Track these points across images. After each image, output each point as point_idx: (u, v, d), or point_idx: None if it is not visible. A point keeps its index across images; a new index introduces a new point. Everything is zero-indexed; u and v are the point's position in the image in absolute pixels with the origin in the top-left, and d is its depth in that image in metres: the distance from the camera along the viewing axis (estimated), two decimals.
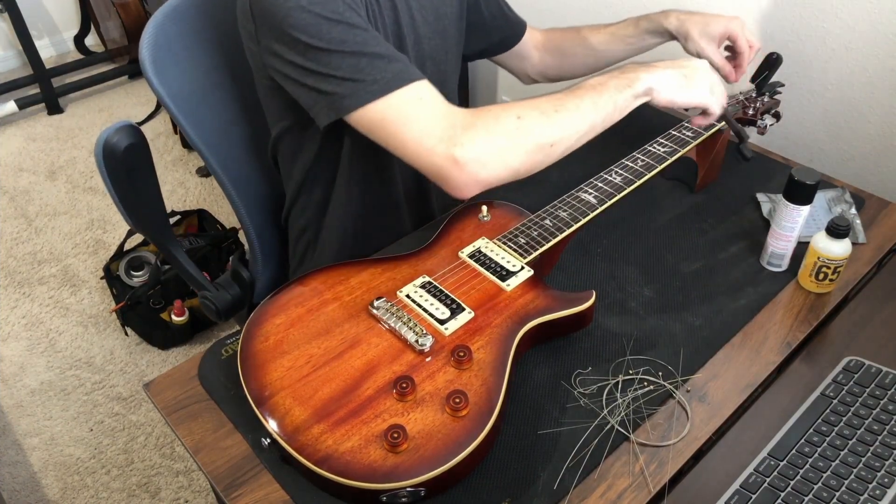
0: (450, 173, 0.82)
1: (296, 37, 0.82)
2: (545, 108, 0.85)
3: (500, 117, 0.83)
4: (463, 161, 0.81)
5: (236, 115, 1.13)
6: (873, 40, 1.16)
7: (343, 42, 0.82)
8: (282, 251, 1.24)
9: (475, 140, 0.81)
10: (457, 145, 0.81)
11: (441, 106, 0.84)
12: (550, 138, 0.84)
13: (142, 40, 0.99)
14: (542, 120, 0.84)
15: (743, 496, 0.72)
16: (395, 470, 0.69)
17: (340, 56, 0.82)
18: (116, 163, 0.93)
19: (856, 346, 0.88)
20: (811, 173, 0.91)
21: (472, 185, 0.83)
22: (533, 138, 0.83)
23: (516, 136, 0.83)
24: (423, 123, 0.82)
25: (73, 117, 2.94)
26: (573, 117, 0.85)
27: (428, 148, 0.82)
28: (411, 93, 0.83)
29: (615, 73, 0.89)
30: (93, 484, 1.62)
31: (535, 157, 0.84)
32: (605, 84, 0.87)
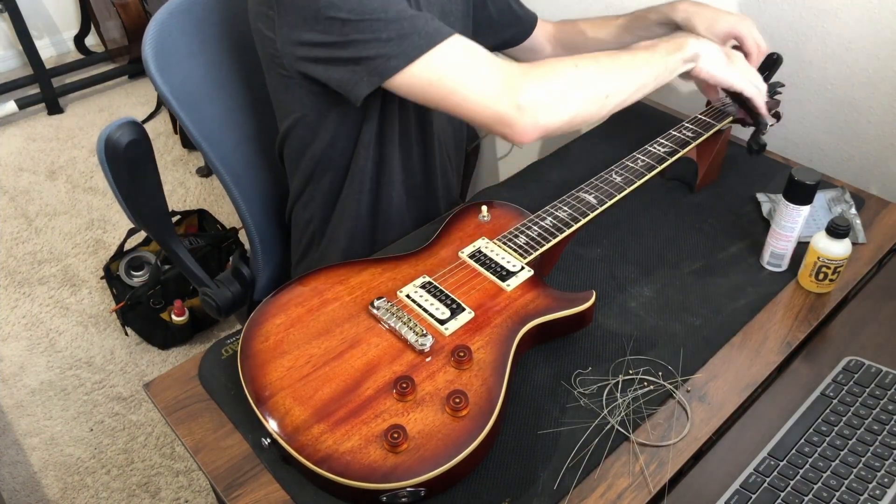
0: (514, 119, 0.84)
1: (333, 16, 0.82)
2: (602, 61, 0.88)
3: (559, 65, 0.86)
4: (525, 106, 0.83)
5: (238, 112, 1.13)
6: (873, 40, 1.16)
7: (384, 10, 0.83)
8: (282, 249, 1.25)
9: (536, 85, 0.84)
10: (519, 92, 0.83)
11: (490, 57, 0.86)
12: (606, 89, 0.87)
13: (145, 37, 0.99)
14: (599, 70, 0.87)
15: (743, 496, 0.72)
16: (395, 470, 0.69)
17: (382, 23, 0.83)
18: (118, 159, 0.93)
19: (856, 346, 0.88)
20: (811, 173, 0.91)
21: (533, 130, 0.85)
22: (590, 86, 0.86)
23: (574, 83, 0.86)
24: (480, 75, 0.84)
25: (73, 117, 2.94)
26: (628, 72, 0.89)
27: (491, 99, 0.83)
28: (458, 45, 0.85)
29: (665, 38, 0.92)
30: (93, 484, 1.62)
31: (591, 106, 0.87)
32: (657, 46, 0.91)
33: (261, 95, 1.14)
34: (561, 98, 0.85)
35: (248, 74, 1.12)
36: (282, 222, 1.22)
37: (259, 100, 1.14)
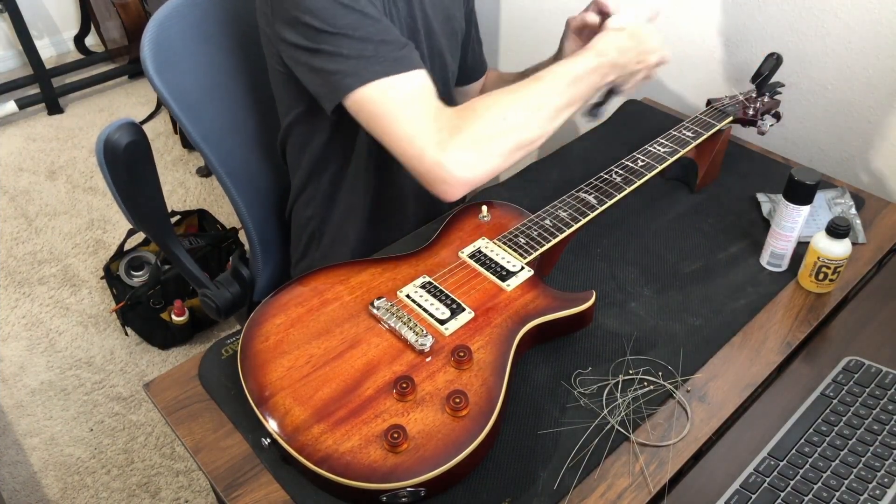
0: (437, 177, 0.83)
1: (308, 21, 0.83)
2: (531, 107, 0.86)
3: (486, 118, 0.84)
4: (450, 167, 0.82)
5: (237, 113, 1.13)
6: (873, 40, 1.16)
7: (355, 28, 0.83)
8: (282, 249, 1.25)
9: (462, 143, 0.83)
10: (443, 151, 0.82)
11: (434, 105, 0.85)
12: (533, 137, 0.87)
13: (143, 38, 0.99)
14: (527, 120, 0.86)
15: (743, 496, 0.72)
16: (395, 470, 0.69)
17: (349, 40, 0.83)
18: (117, 160, 0.93)
19: (856, 346, 0.88)
20: (811, 173, 0.91)
21: (458, 188, 0.84)
22: (517, 140, 0.85)
23: (502, 140, 0.84)
24: (414, 123, 0.83)
25: (73, 117, 2.93)
26: (554, 116, 0.87)
27: (417, 150, 0.83)
28: (410, 83, 0.85)
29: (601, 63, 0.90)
30: (93, 484, 1.62)
31: (518, 154, 0.87)
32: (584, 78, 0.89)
33: (260, 96, 1.14)
34: (488, 156, 0.84)
35: (247, 75, 1.12)
36: (281, 223, 1.22)
37: (258, 100, 1.14)
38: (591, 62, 0.90)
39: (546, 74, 0.88)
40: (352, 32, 0.83)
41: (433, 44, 1.03)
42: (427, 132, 0.83)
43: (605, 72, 0.91)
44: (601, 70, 0.90)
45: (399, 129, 0.84)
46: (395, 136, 0.84)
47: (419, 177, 0.85)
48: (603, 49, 0.91)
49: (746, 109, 1.12)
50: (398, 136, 0.84)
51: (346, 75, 0.84)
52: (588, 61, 0.90)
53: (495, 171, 0.86)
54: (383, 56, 0.83)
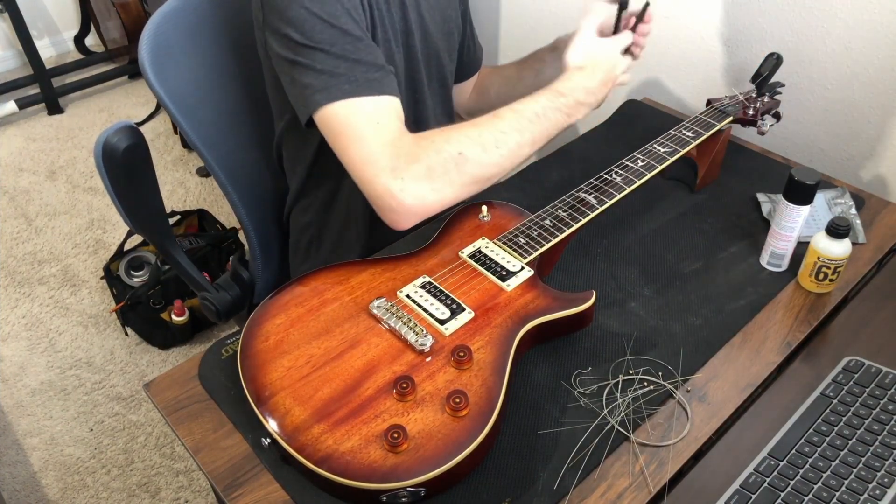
0: (387, 204, 0.85)
1: (289, 33, 0.84)
2: (487, 144, 0.86)
3: (442, 153, 0.85)
4: (401, 196, 0.83)
5: (236, 115, 1.13)
6: (873, 40, 1.16)
7: (331, 44, 0.84)
8: (282, 251, 1.24)
9: (416, 175, 0.83)
10: (397, 178, 0.83)
11: (395, 132, 0.85)
12: (487, 173, 0.88)
13: (141, 41, 0.99)
14: (483, 157, 0.86)
15: (743, 496, 0.72)
16: (395, 470, 0.69)
17: (324, 55, 0.84)
18: (116, 164, 0.93)
19: (856, 346, 0.88)
20: (811, 173, 0.91)
21: (408, 218, 0.86)
22: (472, 175, 0.86)
23: (456, 174, 0.85)
24: (372, 147, 0.84)
25: (73, 117, 2.94)
26: (512, 153, 0.88)
27: (372, 174, 0.84)
28: (376, 107, 0.85)
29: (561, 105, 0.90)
30: (93, 484, 1.62)
31: (472, 189, 0.88)
32: (548, 117, 0.89)
33: (258, 98, 1.14)
34: (441, 189, 0.85)
35: (246, 77, 1.12)
36: (281, 225, 1.22)
37: (257, 102, 1.14)
38: (552, 102, 0.90)
39: (507, 112, 0.89)
40: (328, 48, 0.84)
41: (429, 45, 1.04)
42: (382, 158, 0.84)
43: (568, 111, 0.91)
44: (564, 110, 0.90)
45: (356, 151, 0.85)
46: (353, 158, 0.85)
47: (371, 201, 0.86)
48: (564, 90, 0.91)
49: (746, 109, 1.12)
50: (355, 157, 0.85)
51: (316, 91, 0.85)
52: (550, 101, 0.90)
53: (447, 204, 0.87)
54: (354, 76, 0.84)
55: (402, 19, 0.98)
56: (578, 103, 0.91)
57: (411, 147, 0.85)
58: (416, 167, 0.84)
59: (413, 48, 1.01)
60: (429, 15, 1.02)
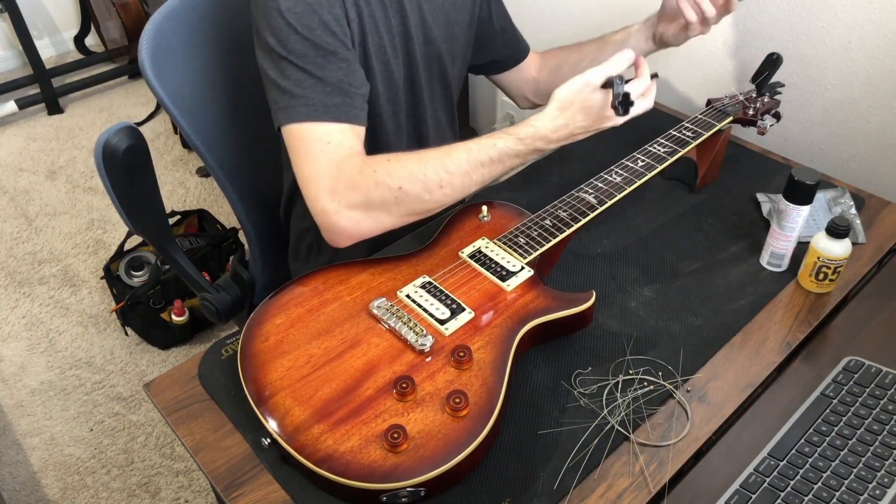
0: (325, 223, 0.88)
1: (266, 37, 0.87)
2: (430, 183, 0.87)
3: (382, 185, 0.86)
4: (336, 217, 0.87)
5: (236, 116, 1.13)
6: (873, 40, 1.16)
7: (301, 57, 0.86)
8: (282, 252, 1.24)
9: (353, 201, 0.87)
10: (335, 200, 0.87)
11: (341, 155, 0.87)
12: (427, 209, 0.90)
13: (141, 41, 0.99)
14: (424, 195, 0.88)
15: (743, 496, 0.72)
16: (395, 470, 0.69)
17: (293, 68, 0.87)
18: (116, 164, 0.93)
19: (856, 346, 0.88)
20: (811, 173, 0.91)
21: (343, 237, 0.89)
22: (410, 209, 0.89)
23: (394, 206, 0.88)
24: (317, 167, 0.87)
25: (73, 117, 2.94)
26: (456, 192, 0.89)
27: (314, 192, 0.88)
28: (328, 130, 0.87)
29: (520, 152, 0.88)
30: (93, 484, 1.62)
31: (410, 219, 0.90)
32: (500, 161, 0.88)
33: (259, 98, 1.13)
34: (377, 216, 0.88)
35: (245, 77, 1.12)
36: (281, 225, 1.22)
37: (257, 102, 1.14)
38: (510, 148, 0.88)
39: (460, 152, 0.87)
40: (296, 60, 0.86)
41: (430, 49, 1.04)
42: (325, 178, 0.87)
43: (523, 157, 0.90)
44: (521, 156, 0.89)
45: (304, 168, 0.88)
46: (300, 174, 0.89)
47: (313, 217, 0.90)
48: (525, 136, 0.87)
49: (746, 109, 1.12)
50: (302, 174, 0.89)
51: (279, 108, 0.88)
52: (507, 146, 0.87)
53: (383, 230, 0.90)
54: (314, 100, 0.86)
55: (402, 24, 0.98)
56: (535, 150, 0.89)
57: (354, 173, 0.87)
58: (354, 194, 0.87)
59: (413, 53, 1.01)
60: (432, 18, 1.02)
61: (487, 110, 2.19)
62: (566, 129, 0.87)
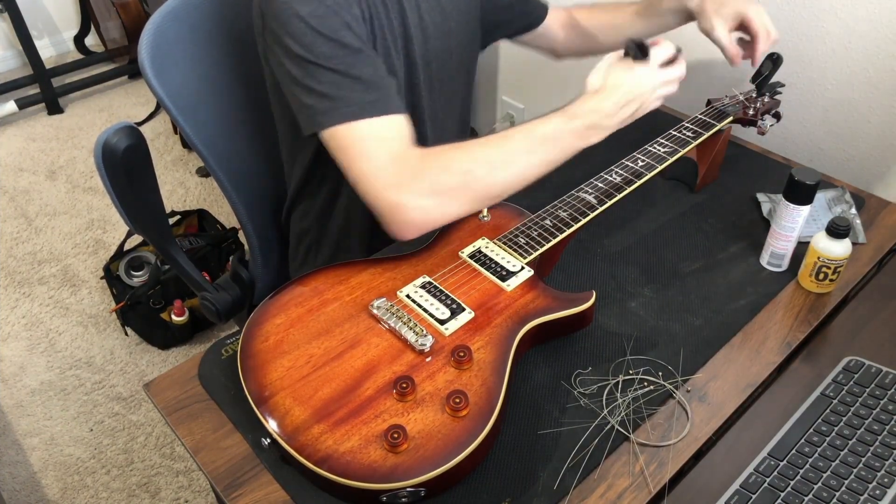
0: (392, 217, 0.85)
1: (289, 45, 0.85)
2: (495, 163, 0.86)
3: (450, 169, 0.85)
4: (406, 209, 0.84)
5: (236, 116, 1.13)
6: (873, 40, 1.16)
7: (330, 59, 0.84)
8: (282, 251, 1.24)
9: (421, 190, 0.84)
10: (403, 192, 0.83)
11: (399, 148, 0.86)
12: (494, 192, 0.87)
13: (140, 41, 0.99)
14: (491, 175, 0.86)
15: (743, 496, 0.72)
16: (395, 470, 0.69)
17: (324, 71, 0.84)
18: (116, 164, 0.93)
19: (856, 346, 0.88)
20: (811, 173, 0.91)
21: (411, 230, 0.86)
22: (478, 192, 0.86)
23: (462, 190, 0.85)
24: (376, 163, 0.85)
25: (73, 117, 2.94)
26: (521, 172, 0.87)
27: (377, 189, 0.85)
28: (378, 126, 0.86)
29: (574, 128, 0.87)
30: (93, 484, 1.62)
31: (478, 206, 0.88)
32: (560, 139, 0.87)
33: (258, 98, 1.14)
34: (445, 204, 0.85)
35: (246, 77, 1.12)
36: (281, 225, 1.22)
37: (257, 102, 1.14)
38: (566, 125, 0.87)
39: (517, 133, 0.88)
40: (326, 63, 0.84)
41: (428, 48, 1.03)
42: (387, 173, 0.84)
43: (581, 134, 0.88)
44: (577, 133, 0.88)
45: (361, 167, 0.85)
46: (357, 173, 0.86)
47: (376, 214, 0.87)
48: (578, 112, 0.87)
49: (746, 109, 1.12)
50: (359, 173, 0.86)
51: (318, 113, 0.85)
52: (563, 124, 0.87)
53: (452, 219, 0.87)
54: (355, 99, 0.85)
55: (402, 25, 0.98)
56: (592, 126, 0.88)
57: (417, 163, 0.85)
58: (421, 183, 0.84)
59: (412, 53, 1.01)
60: (429, 17, 1.01)
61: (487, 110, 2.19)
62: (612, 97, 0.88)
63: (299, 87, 0.86)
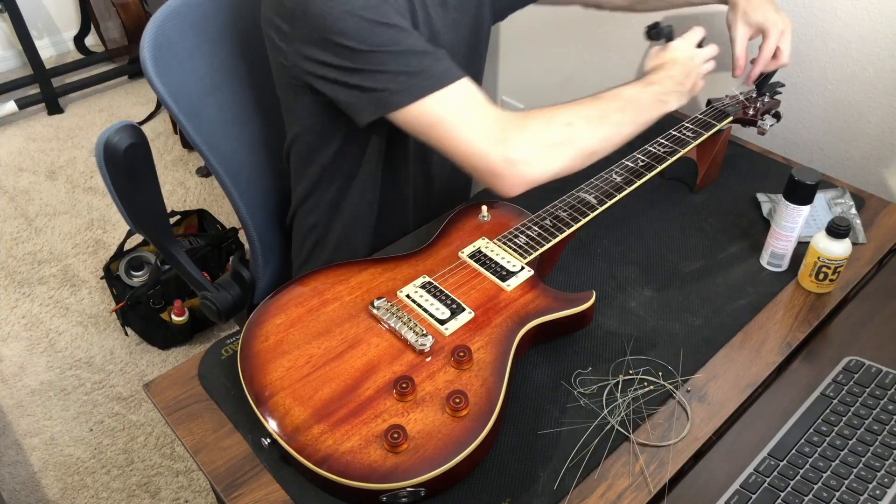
0: (503, 172, 0.86)
1: (342, 42, 0.83)
2: (592, 117, 0.90)
3: (553, 122, 0.88)
4: (515, 162, 0.85)
5: (238, 115, 1.13)
6: (873, 40, 1.16)
7: (395, 43, 0.84)
8: (283, 251, 1.24)
9: (528, 143, 0.86)
10: (511, 148, 0.85)
11: (490, 107, 0.88)
12: (593, 147, 0.90)
13: (143, 40, 0.99)
14: (589, 130, 0.89)
15: (743, 496, 0.72)
16: (395, 470, 0.69)
17: (391, 56, 0.84)
18: (117, 163, 0.93)
19: (856, 346, 0.88)
20: (811, 173, 0.91)
21: (520, 185, 0.87)
22: (578, 145, 0.89)
23: (565, 144, 0.88)
24: (477, 124, 0.86)
25: (73, 117, 2.94)
26: (615, 130, 0.91)
27: (483, 150, 0.85)
28: (462, 92, 0.87)
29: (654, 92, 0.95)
30: (93, 484, 1.62)
31: (577, 162, 0.89)
32: (644, 101, 0.94)
33: (260, 98, 1.14)
34: (550, 156, 0.87)
35: (248, 77, 1.12)
36: (282, 224, 1.22)
37: (259, 102, 1.14)
38: (646, 89, 0.95)
39: (607, 93, 0.93)
40: (393, 48, 0.84)
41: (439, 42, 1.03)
42: (491, 132, 0.86)
43: (662, 97, 0.95)
44: (658, 96, 0.95)
45: (461, 135, 0.86)
46: (458, 142, 0.86)
47: (483, 174, 0.88)
48: (654, 80, 0.96)
49: (746, 109, 1.12)
50: (461, 140, 0.86)
51: (394, 92, 0.85)
52: (640, 88, 0.95)
53: (555, 173, 0.88)
54: (429, 69, 0.85)
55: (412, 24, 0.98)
56: (670, 91, 0.96)
57: (518, 119, 0.87)
58: (528, 137, 0.86)
59: None
60: (435, 12, 1.01)
61: None
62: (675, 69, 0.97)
63: (361, 76, 0.85)
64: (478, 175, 0.88)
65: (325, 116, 0.96)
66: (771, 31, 1.04)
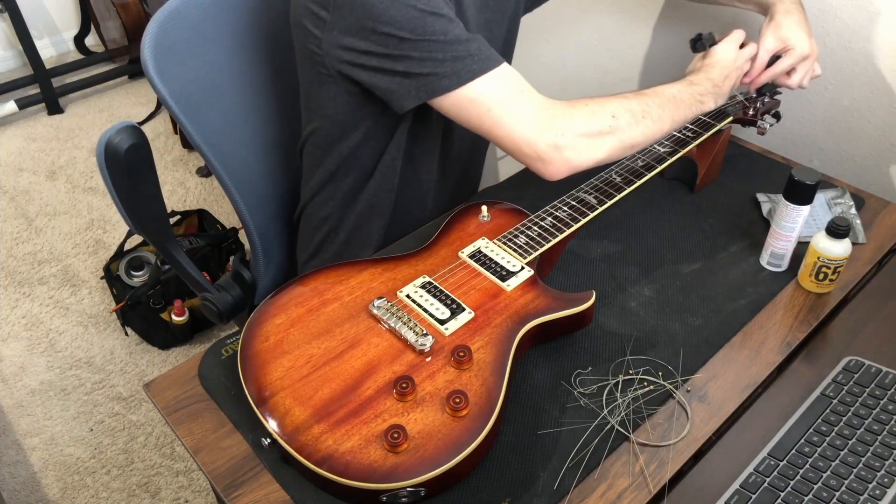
0: (549, 158, 0.88)
1: (388, 31, 0.85)
2: (635, 112, 0.92)
3: (598, 113, 0.90)
4: (561, 148, 0.87)
5: (239, 115, 1.13)
6: (873, 40, 1.16)
7: (444, 32, 0.86)
8: (284, 251, 1.24)
9: (575, 129, 0.88)
10: (558, 134, 0.87)
11: (536, 93, 0.90)
12: (634, 140, 0.92)
13: (143, 39, 0.99)
14: (632, 123, 0.91)
15: (743, 496, 0.72)
16: (395, 470, 0.69)
17: (440, 44, 0.86)
18: (118, 164, 0.93)
19: (856, 346, 0.88)
20: (811, 173, 0.91)
21: (565, 170, 0.90)
22: (621, 137, 0.91)
23: (609, 134, 0.90)
24: (525, 111, 0.88)
25: (73, 117, 2.94)
26: (655, 126, 0.93)
27: (531, 136, 0.88)
28: (508, 77, 0.89)
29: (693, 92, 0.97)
30: (93, 484, 1.62)
31: (618, 152, 0.92)
32: (683, 100, 0.96)
33: (261, 97, 1.14)
34: (594, 145, 0.89)
35: (249, 76, 1.12)
36: (283, 224, 1.22)
37: (260, 102, 1.14)
38: (684, 89, 0.97)
39: (648, 91, 0.96)
40: (442, 37, 0.85)
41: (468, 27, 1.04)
42: (539, 119, 0.88)
43: (700, 98, 0.98)
44: (696, 96, 0.97)
45: (509, 119, 0.88)
46: (505, 127, 0.88)
47: (527, 158, 0.90)
48: (693, 81, 0.98)
49: (746, 109, 1.12)
50: (509, 126, 0.88)
51: (442, 77, 0.86)
52: (682, 87, 0.97)
53: (597, 163, 0.91)
54: (476, 54, 0.87)
55: None
56: (707, 93, 0.98)
57: (565, 107, 0.90)
58: (575, 123, 0.88)
59: None
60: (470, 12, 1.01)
61: None
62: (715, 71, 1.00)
63: (408, 62, 0.86)
64: (522, 159, 0.90)
65: (349, 107, 0.97)
66: (795, 50, 1.04)
